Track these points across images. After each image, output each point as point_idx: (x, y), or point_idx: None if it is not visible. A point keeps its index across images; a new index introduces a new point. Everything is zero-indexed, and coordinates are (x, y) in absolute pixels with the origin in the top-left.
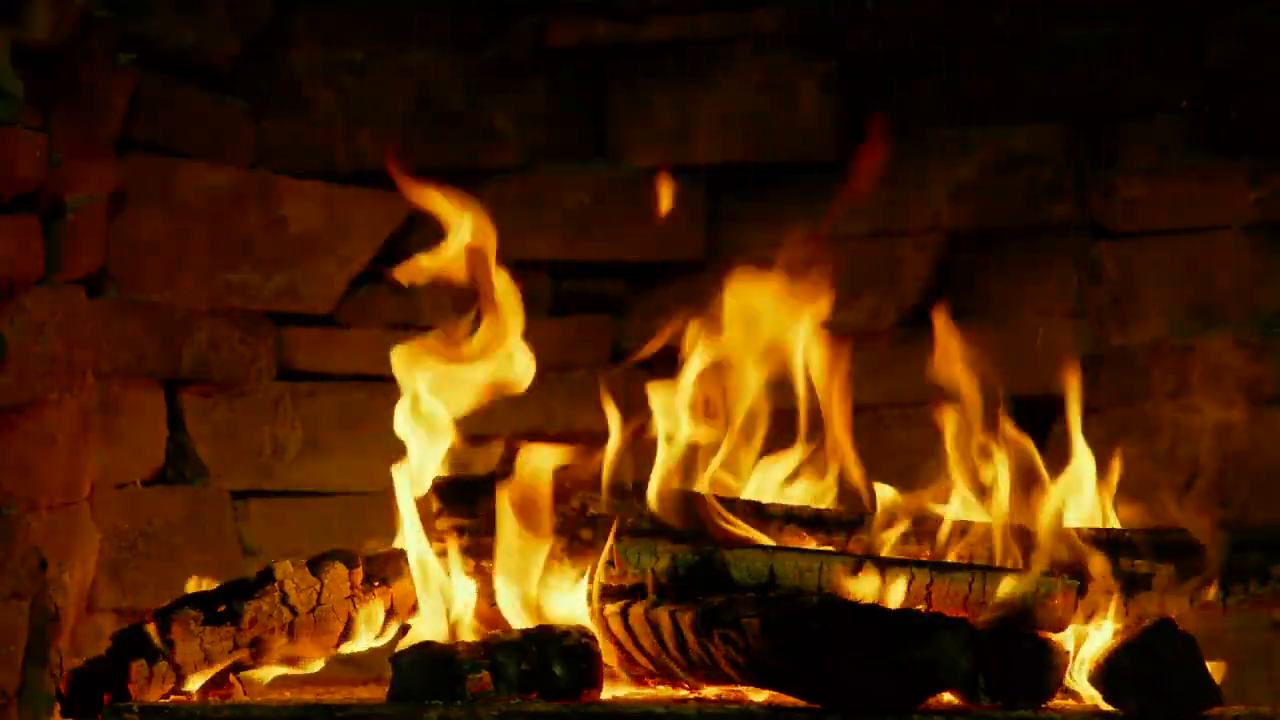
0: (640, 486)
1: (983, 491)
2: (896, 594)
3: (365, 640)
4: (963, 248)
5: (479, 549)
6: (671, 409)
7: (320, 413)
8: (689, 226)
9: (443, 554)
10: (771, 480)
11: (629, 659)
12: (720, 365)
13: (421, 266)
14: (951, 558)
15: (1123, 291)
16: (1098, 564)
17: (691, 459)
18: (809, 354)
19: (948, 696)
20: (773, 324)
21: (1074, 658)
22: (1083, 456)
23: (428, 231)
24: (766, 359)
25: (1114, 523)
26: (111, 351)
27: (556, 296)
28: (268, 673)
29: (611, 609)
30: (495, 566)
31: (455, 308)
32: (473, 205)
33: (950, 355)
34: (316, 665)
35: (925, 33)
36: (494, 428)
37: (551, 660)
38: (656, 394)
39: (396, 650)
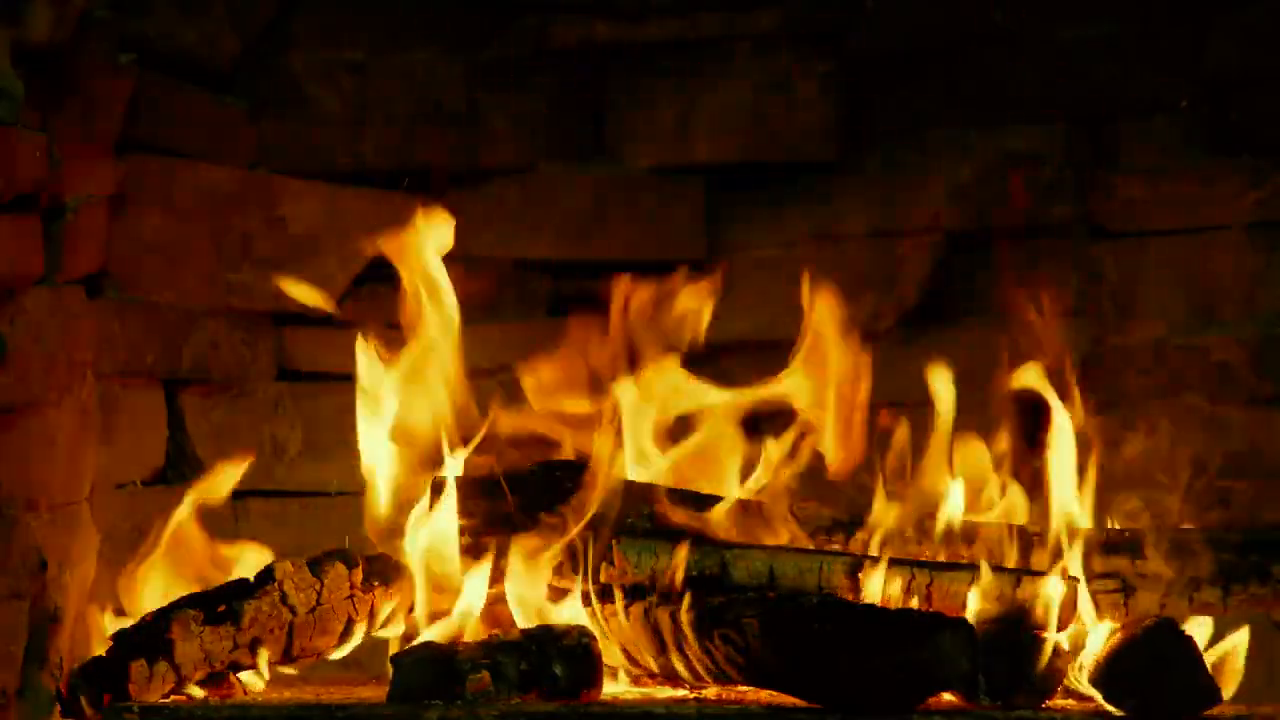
0: (642, 485)
1: (981, 491)
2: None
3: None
4: (962, 248)
5: (479, 549)
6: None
7: (320, 413)
8: (689, 226)
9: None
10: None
11: (629, 659)
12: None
13: None
14: (951, 558)
15: (1123, 291)
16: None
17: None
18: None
19: (948, 696)
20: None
21: (1074, 658)
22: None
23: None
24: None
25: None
26: (111, 351)
27: (556, 296)
28: (267, 672)
29: (611, 609)
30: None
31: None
32: None
33: None
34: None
35: (925, 33)
36: None
37: (551, 660)
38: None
39: (396, 650)
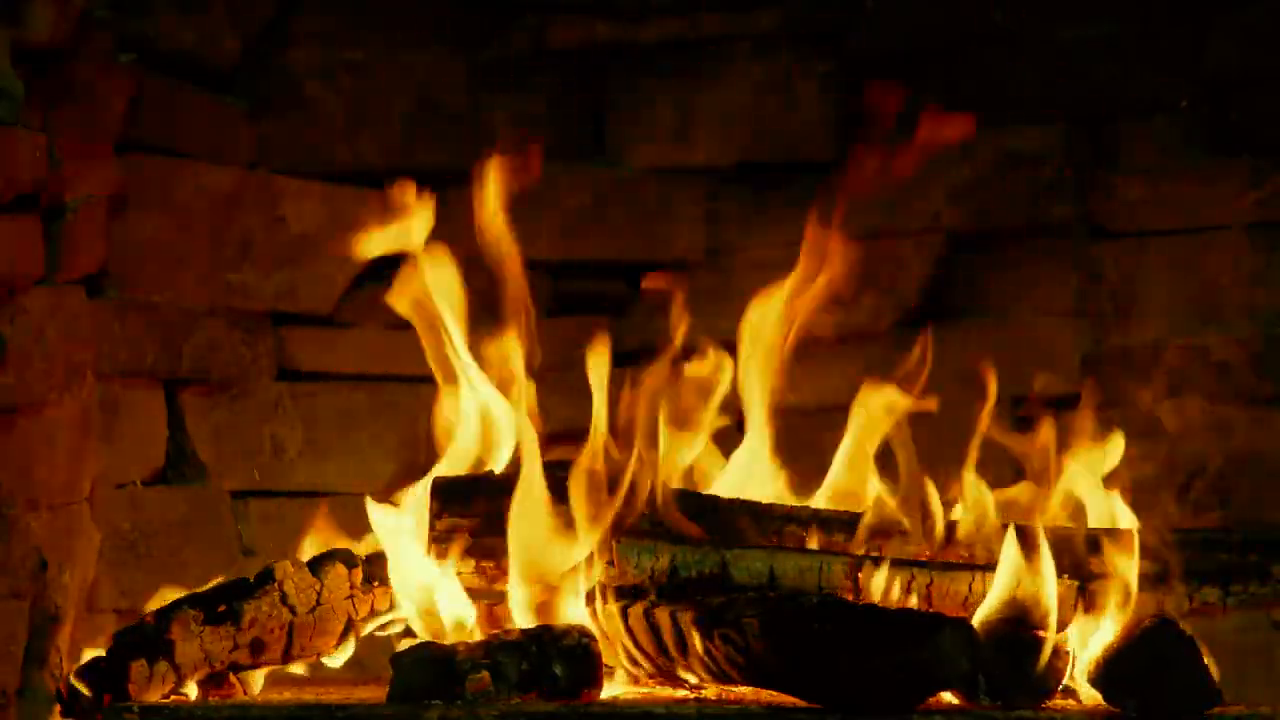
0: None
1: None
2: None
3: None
4: (963, 248)
5: (479, 549)
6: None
7: (320, 413)
8: (689, 226)
9: (444, 554)
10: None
11: (629, 659)
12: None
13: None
14: (951, 558)
15: (1123, 291)
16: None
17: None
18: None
19: (948, 696)
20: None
21: (1074, 658)
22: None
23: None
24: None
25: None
26: (111, 351)
27: (556, 296)
28: (267, 673)
29: (611, 609)
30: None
31: None
32: None
33: None
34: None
35: (925, 33)
36: None
37: (551, 660)
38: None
39: (396, 650)
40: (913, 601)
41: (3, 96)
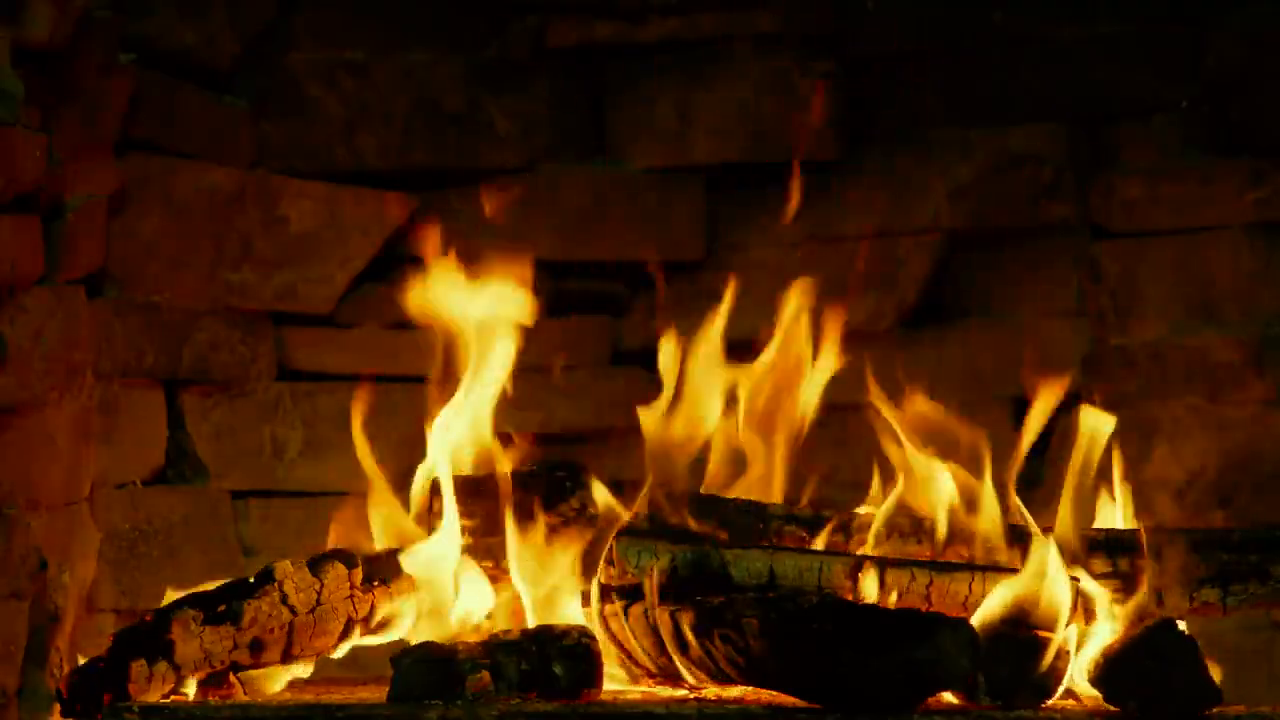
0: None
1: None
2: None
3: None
4: (963, 248)
5: (480, 549)
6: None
7: (320, 413)
8: (689, 226)
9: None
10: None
11: (629, 659)
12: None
13: None
14: (951, 558)
15: (1123, 291)
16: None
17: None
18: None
19: (948, 696)
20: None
21: (1074, 658)
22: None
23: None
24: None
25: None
26: (111, 351)
27: (556, 296)
28: (267, 673)
29: (611, 609)
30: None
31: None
32: None
33: None
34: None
35: (925, 33)
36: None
37: (551, 660)
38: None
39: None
40: (889, 598)
41: (3, 96)
